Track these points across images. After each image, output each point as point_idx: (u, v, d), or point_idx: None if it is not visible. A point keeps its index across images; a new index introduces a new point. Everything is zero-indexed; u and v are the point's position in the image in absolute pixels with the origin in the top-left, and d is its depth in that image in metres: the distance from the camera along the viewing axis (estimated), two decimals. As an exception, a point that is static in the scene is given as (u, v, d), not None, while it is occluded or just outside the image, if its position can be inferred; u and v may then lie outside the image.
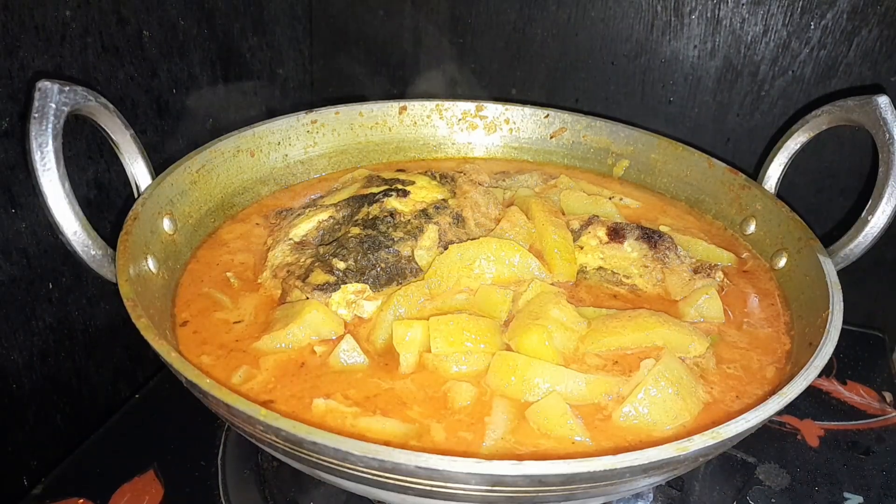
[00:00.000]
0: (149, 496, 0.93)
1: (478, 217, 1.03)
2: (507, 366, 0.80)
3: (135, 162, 0.94)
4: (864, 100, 0.97)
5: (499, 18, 1.43)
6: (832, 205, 1.35)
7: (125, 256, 0.82)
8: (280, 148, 1.19)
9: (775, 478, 1.01)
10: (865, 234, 0.95)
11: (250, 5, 1.35)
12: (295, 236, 0.99)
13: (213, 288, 0.95)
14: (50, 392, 1.04)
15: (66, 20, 0.95)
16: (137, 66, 1.10)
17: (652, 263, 1.00)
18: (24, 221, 0.94)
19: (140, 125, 1.12)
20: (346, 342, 0.84)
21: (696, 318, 0.94)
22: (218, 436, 1.02)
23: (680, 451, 0.62)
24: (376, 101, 1.28)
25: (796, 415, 1.12)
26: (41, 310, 1.00)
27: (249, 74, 1.40)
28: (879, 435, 1.10)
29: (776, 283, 1.03)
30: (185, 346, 0.85)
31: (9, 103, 0.89)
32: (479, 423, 0.76)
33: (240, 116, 1.39)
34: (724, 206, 1.16)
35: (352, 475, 0.64)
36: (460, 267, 0.91)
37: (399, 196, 1.01)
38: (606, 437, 0.75)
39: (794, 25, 1.25)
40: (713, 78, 1.34)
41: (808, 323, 0.90)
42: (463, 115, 1.32)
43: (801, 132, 1.08)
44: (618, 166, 1.28)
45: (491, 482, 0.60)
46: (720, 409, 0.80)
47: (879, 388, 1.19)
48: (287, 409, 0.77)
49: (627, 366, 0.82)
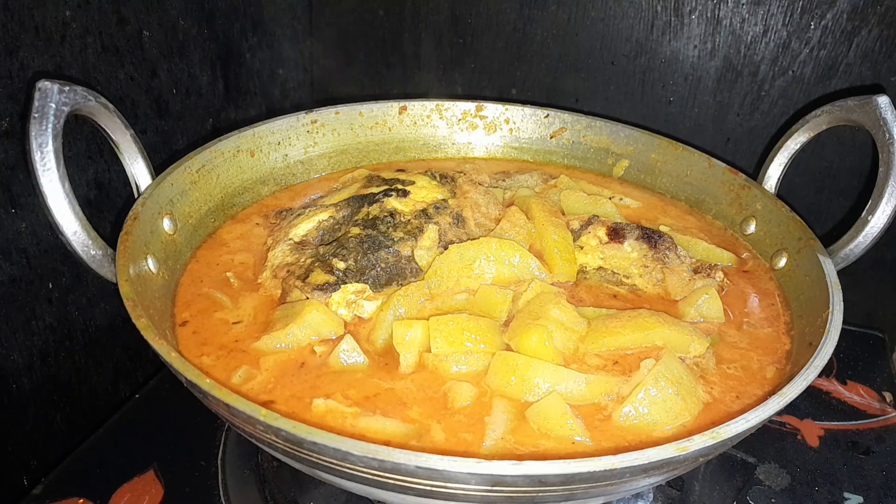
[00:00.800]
0: (149, 496, 0.93)
1: (478, 217, 1.03)
2: (507, 366, 0.80)
3: (135, 162, 0.94)
4: (864, 100, 0.97)
5: (499, 18, 1.43)
6: (832, 205, 1.35)
7: (125, 256, 0.82)
8: (280, 148, 1.19)
9: (775, 478, 1.01)
10: (865, 234, 0.95)
11: (250, 5, 1.35)
12: (295, 236, 0.99)
13: (213, 288, 0.95)
14: (50, 392, 1.04)
15: (66, 20, 0.95)
16: (137, 66, 1.10)
17: (652, 263, 1.00)
18: (24, 221, 0.94)
19: (140, 125, 1.12)
20: (346, 342, 0.84)
21: (696, 318, 0.94)
22: (218, 436, 1.02)
23: (680, 451, 0.62)
24: (376, 101, 1.28)
25: (796, 415, 1.12)
26: (41, 310, 1.00)
27: (249, 74, 1.40)
28: (879, 435, 1.10)
29: (776, 283, 1.03)
30: (184, 347, 0.85)
31: (9, 103, 0.89)
32: (479, 423, 0.76)
33: (240, 116, 1.39)
34: (724, 206, 1.17)
35: (352, 475, 0.64)
36: (460, 267, 0.91)
37: (399, 196, 1.01)
38: (606, 437, 0.75)
39: (794, 25, 1.25)
40: (713, 78, 1.34)
41: (808, 323, 0.90)
42: (463, 115, 1.32)
43: (801, 132, 1.08)
44: (618, 166, 1.28)
45: (491, 482, 0.60)
46: (720, 409, 0.80)
47: (879, 388, 1.19)
48: (287, 409, 0.77)
49: (627, 366, 0.82)
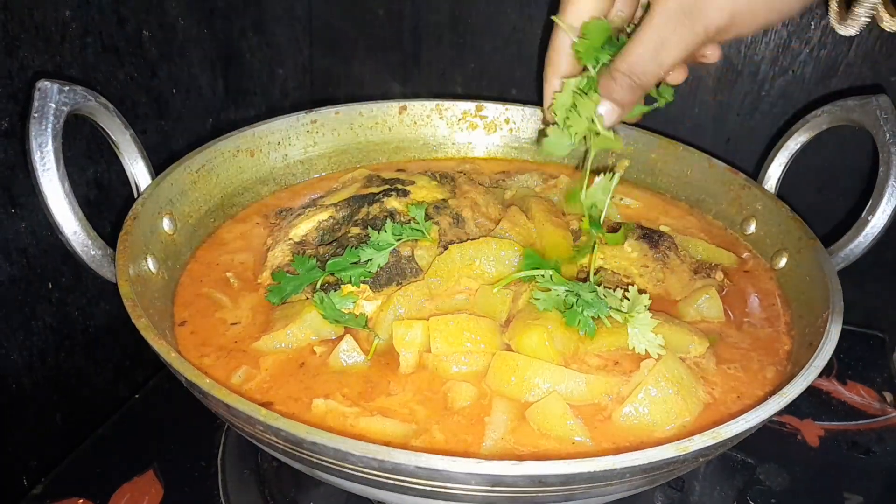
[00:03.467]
0: (149, 496, 0.93)
1: (478, 217, 1.03)
2: (507, 366, 0.80)
3: (135, 162, 0.94)
4: (864, 100, 0.97)
5: (499, 18, 1.43)
6: (832, 205, 1.35)
7: (125, 256, 0.82)
8: (280, 148, 1.19)
9: (775, 478, 1.01)
10: (865, 234, 0.95)
11: (250, 5, 1.35)
12: (295, 236, 0.99)
13: (213, 288, 0.95)
14: (50, 392, 1.04)
15: (66, 20, 0.95)
16: (137, 66, 1.10)
17: (652, 263, 0.99)
18: (24, 221, 0.94)
19: (140, 125, 1.12)
20: (345, 342, 0.84)
21: (696, 318, 0.94)
22: (218, 436, 1.02)
23: (680, 451, 0.62)
24: (376, 101, 1.28)
25: (797, 415, 1.12)
26: (41, 310, 1.00)
27: (249, 74, 1.40)
28: (879, 435, 1.10)
29: (776, 283, 1.03)
30: (184, 347, 0.85)
31: (9, 103, 0.89)
32: (479, 423, 0.76)
33: (240, 116, 1.39)
34: (725, 206, 1.16)
35: (352, 475, 0.64)
36: (460, 267, 0.91)
37: (399, 196, 1.01)
38: (606, 437, 0.75)
39: (795, 25, 1.25)
40: (713, 78, 1.34)
41: (809, 323, 0.90)
42: (463, 114, 1.32)
43: (801, 132, 1.08)
44: (618, 166, 1.28)
45: (491, 482, 0.60)
46: (720, 410, 0.80)
47: (879, 389, 1.19)
48: (287, 410, 0.77)
49: (627, 366, 0.82)
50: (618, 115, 0.84)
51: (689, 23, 0.72)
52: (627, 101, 0.83)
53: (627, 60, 0.79)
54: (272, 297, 0.89)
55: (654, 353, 0.80)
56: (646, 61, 0.77)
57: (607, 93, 0.82)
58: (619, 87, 0.81)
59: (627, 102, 0.83)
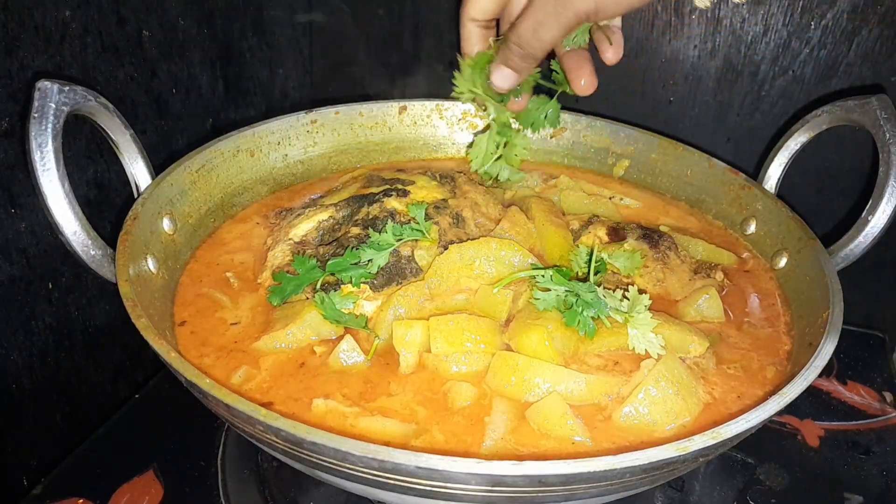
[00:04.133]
0: (149, 496, 0.93)
1: (478, 217, 1.03)
2: (507, 366, 0.80)
3: (135, 162, 0.94)
4: (864, 100, 0.97)
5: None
6: (832, 205, 1.35)
7: (125, 256, 0.82)
8: (280, 148, 1.18)
9: (775, 478, 1.01)
10: (865, 234, 0.95)
11: (250, 5, 1.35)
12: (295, 236, 0.99)
13: (213, 288, 0.95)
14: (50, 392, 1.04)
15: (66, 20, 0.95)
16: (137, 66, 1.10)
17: (652, 263, 0.99)
18: (24, 221, 0.94)
19: (140, 125, 1.12)
20: (345, 342, 0.84)
21: (696, 318, 0.94)
22: (218, 436, 1.02)
23: (680, 451, 0.62)
24: (376, 101, 1.28)
25: (797, 415, 1.12)
26: (41, 310, 1.00)
27: (249, 74, 1.40)
28: (879, 435, 1.10)
29: (776, 283, 1.03)
30: (184, 347, 0.85)
31: (9, 103, 0.89)
32: (479, 423, 0.76)
33: (240, 116, 1.39)
34: (725, 206, 1.16)
35: (352, 475, 0.64)
36: (460, 267, 0.91)
37: (399, 196, 1.01)
38: (607, 437, 0.75)
39: (795, 25, 1.25)
40: (713, 78, 1.34)
41: (809, 323, 0.90)
42: (463, 114, 1.32)
43: (801, 132, 1.08)
44: (618, 166, 1.28)
45: (491, 482, 0.60)
46: (720, 410, 0.80)
47: (879, 388, 1.19)
48: (287, 410, 0.77)
49: (627, 366, 0.82)
50: (513, 79, 0.99)
51: (561, 9, 0.88)
52: (520, 67, 0.97)
53: (516, 33, 0.93)
54: (273, 299, 0.89)
55: (654, 353, 0.80)
56: (529, 36, 0.92)
57: (504, 59, 0.97)
58: (513, 55, 0.96)
59: (521, 68, 0.98)
